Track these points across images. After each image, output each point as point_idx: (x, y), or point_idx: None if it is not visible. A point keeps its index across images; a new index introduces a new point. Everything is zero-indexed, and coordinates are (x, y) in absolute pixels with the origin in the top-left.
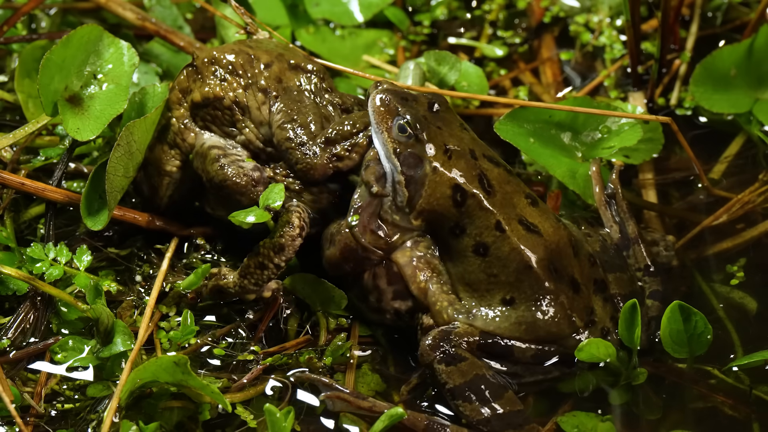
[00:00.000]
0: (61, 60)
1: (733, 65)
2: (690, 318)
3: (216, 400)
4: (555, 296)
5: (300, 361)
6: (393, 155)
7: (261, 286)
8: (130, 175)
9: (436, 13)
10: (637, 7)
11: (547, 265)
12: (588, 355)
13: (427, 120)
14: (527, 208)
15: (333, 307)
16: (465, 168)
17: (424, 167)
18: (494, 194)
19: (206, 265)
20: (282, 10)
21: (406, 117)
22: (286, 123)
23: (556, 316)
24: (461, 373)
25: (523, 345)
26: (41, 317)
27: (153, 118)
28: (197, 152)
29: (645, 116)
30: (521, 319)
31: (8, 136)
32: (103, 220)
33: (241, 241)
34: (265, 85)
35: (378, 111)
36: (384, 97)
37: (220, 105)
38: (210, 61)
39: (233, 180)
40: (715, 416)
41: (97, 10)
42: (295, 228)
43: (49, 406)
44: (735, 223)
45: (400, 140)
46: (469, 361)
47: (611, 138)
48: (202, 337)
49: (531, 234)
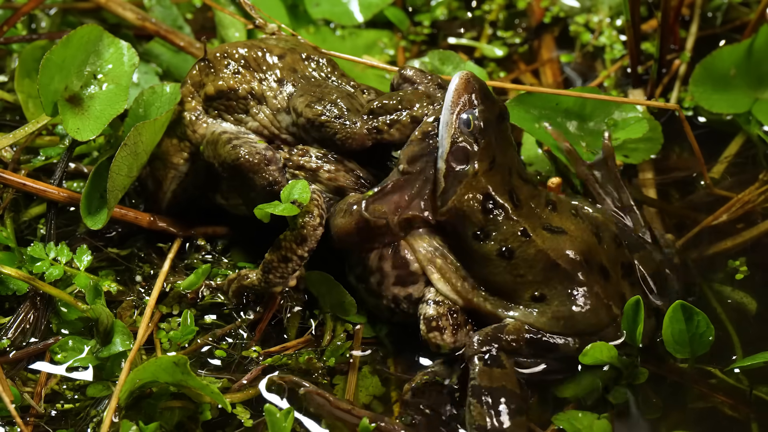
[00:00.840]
0: (61, 60)
1: (732, 65)
2: (692, 318)
3: (216, 400)
4: (589, 288)
5: (300, 362)
6: (449, 138)
7: (286, 278)
8: (132, 175)
9: (436, 13)
10: (637, 7)
11: (577, 259)
12: (592, 359)
13: (491, 127)
14: (550, 215)
15: (341, 312)
16: (500, 182)
17: (468, 167)
18: (521, 207)
19: (206, 266)
20: (282, 10)
21: (476, 114)
22: (314, 103)
23: (594, 307)
24: (491, 378)
25: (565, 341)
26: (41, 317)
27: (163, 121)
28: (208, 140)
29: (653, 103)
30: (558, 314)
31: (8, 136)
32: (102, 219)
33: (245, 239)
34: (281, 75)
35: (459, 92)
36: (472, 82)
37: (235, 96)
38: (222, 55)
39: (246, 158)
40: (715, 416)
41: (97, 10)
42: (315, 218)
43: (49, 406)
44: (735, 222)
45: (462, 131)
46: (505, 371)
47: (617, 130)
48: (202, 337)
49: (556, 235)
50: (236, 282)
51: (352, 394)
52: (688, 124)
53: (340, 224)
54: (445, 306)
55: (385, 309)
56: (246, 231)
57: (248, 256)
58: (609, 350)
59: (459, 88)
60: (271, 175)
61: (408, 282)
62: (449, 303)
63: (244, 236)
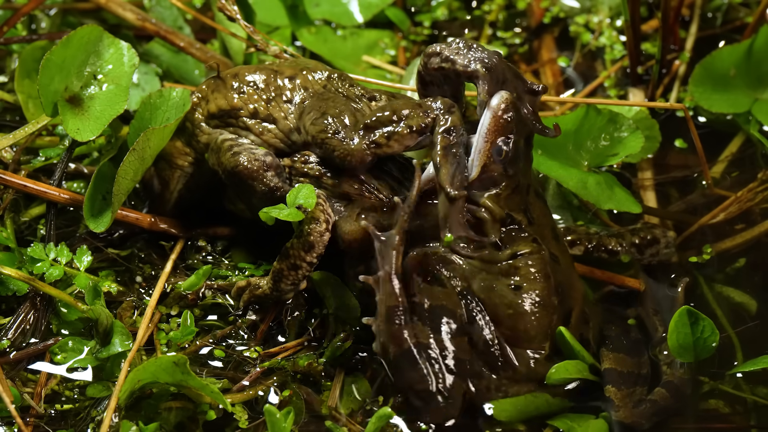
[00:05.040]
0: (61, 60)
1: (732, 65)
2: (698, 323)
3: (216, 400)
4: (551, 311)
5: (299, 365)
6: (479, 167)
7: (297, 284)
8: (137, 179)
9: (437, 13)
10: (637, 8)
11: (557, 287)
12: (559, 378)
13: (520, 154)
14: (551, 242)
15: (345, 313)
16: (519, 202)
17: (492, 192)
18: (533, 223)
19: (207, 267)
20: (282, 10)
21: (510, 145)
22: (318, 118)
23: (541, 323)
24: (433, 296)
25: (488, 329)
26: (41, 318)
27: (172, 128)
28: (211, 148)
29: (658, 104)
30: (513, 305)
31: (8, 136)
32: (106, 221)
33: (246, 240)
34: (291, 96)
35: (497, 121)
36: (511, 110)
37: (235, 114)
38: (233, 75)
39: (244, 165)
40: (713, 419)
41: (97, 11)
42: (321, 223)
43: (48, 406)
44: (734, 222)
45: (494, 159)
46: (447, 290)
47: (614, 146)
48: (203, 338)
49: (552, 260)
50: (247, 293)
51: (337, 395)
52: (693, 124)
53: (349, 231)
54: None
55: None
56: (247, 232)
57: (249, 257)
58: (576, 365)
59: (498, 115)
60: (270, 180)
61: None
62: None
63: (245, 237)
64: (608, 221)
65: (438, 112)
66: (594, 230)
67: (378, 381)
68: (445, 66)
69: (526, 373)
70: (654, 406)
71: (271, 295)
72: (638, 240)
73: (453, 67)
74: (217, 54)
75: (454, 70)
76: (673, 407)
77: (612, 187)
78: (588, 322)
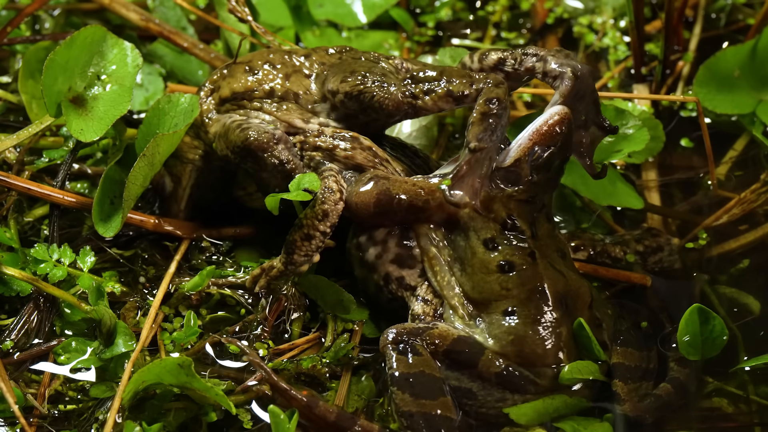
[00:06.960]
0: (64, 61)
1: (736, 66)
2: (708, 321)
3: (220, 402)
4: (556, 325)
5: (303, 366)
6: (513, 158)
7: (311, 256)
8: (146, 184)
9: (441, 14)
10: (640, 9)
11: (561, 299)
12: (571, 378)
13: (550, 169)
14: (557, 259)
15: (341, 311)
16: (528, 212)
17: (511, 189)
18: (537, 238)
19: (211, 267)
20: (286, 11)
21: (545, 155)
22: (348, 76)
23: (548, 339)
24: (407, 365)
25: (494, 359)
26: (45, 318)
27: (181, 134)
28: (219, 134)
29: (669, 97)
30: (513, 330)
31: (12, 137)
32: (115, 226)
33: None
34: (309, 71)
35: (547, 128)
36: (564, 125)
37: (249, 96)
38: (247, 60)
39: (254, 137)
40: (716, 418)
41: (100, 11)
42: (335, 192)
43: (52, 406)
44: (738, 223)
45: (528, 159)
46: (423, 357)
47: (619, 142)
48: (206, 339)
49: (556, 272)
50: (263, 277)
51: (344, 397)
52: (703, 117)
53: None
54: (431, 307)
55: (373, 285)
56: (252, 233)
57: (253, 257)
58: (588, 365)
59: (552, 124)
60: (281, 153)
61: (405, 264)
62: (435, 304)
63: (249, 238)
64: (612, 223)
65: (485, 84)
66: (599, 237)
67: (381, 381)
68: (536, 66)
69: (550, 386)
70: (658, 401)
71: (285, 271)
72: (642, 248)
73: (544, 67)
74: (220, 54)
75: (543, 71)
76: (676, 403)
77: (614, 183)
78: (601, 325)
